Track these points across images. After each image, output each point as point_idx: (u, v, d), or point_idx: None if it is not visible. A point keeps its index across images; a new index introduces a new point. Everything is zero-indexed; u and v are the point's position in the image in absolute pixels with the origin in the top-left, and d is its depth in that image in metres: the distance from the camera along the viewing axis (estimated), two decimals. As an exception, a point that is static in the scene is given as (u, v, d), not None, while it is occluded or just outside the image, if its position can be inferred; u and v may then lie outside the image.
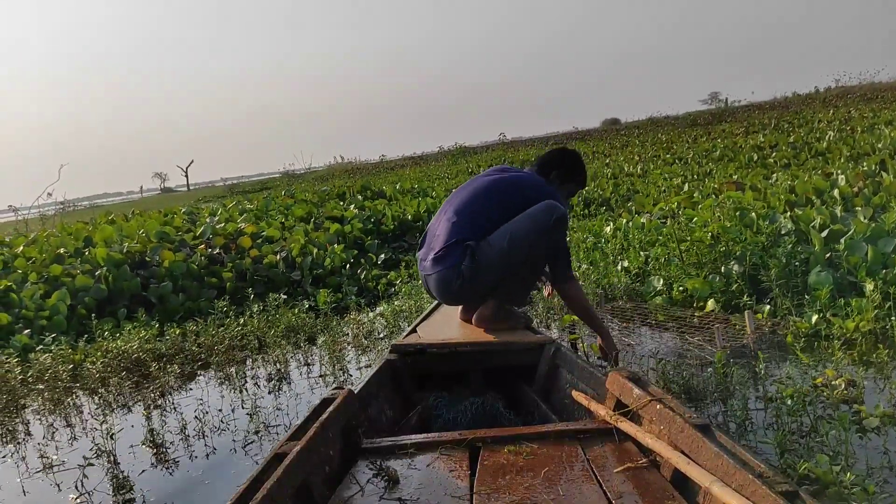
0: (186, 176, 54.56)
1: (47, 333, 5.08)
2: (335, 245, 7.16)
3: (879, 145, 8.54)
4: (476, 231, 2.75)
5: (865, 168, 6.23)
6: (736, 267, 4.03)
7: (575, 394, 2.34)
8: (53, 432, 3.43)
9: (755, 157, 10.27)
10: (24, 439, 3.40)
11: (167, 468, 2.80)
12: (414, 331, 2.94)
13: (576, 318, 3.52)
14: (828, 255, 3.81)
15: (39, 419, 3.67)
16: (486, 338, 2.78)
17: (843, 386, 2.63)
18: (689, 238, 4.55)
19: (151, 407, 3.55)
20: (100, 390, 3.96)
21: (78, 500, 2.57)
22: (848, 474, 1.92)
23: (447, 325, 3.00)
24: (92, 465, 2.88)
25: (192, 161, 57.46)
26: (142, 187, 58.54)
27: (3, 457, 3.21)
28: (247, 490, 1.44)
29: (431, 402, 2.59)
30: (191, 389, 3.90)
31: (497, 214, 2.77)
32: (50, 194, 17.39)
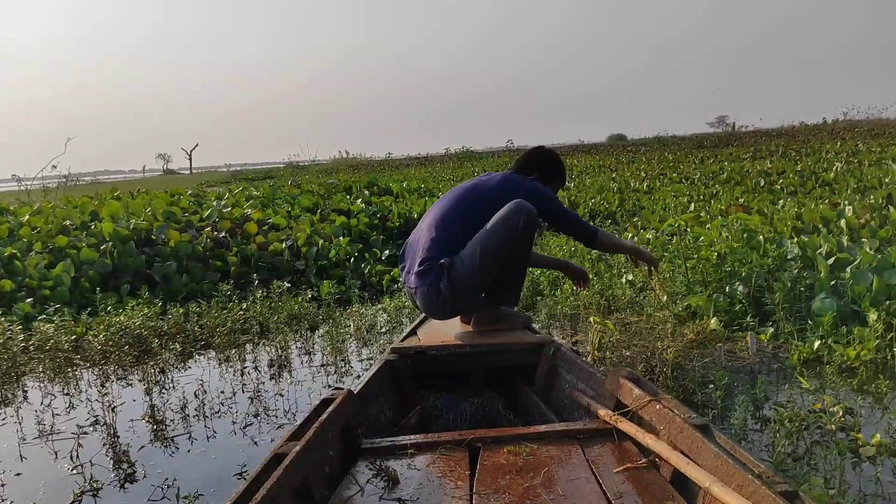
0: (190, 159, 54.55)
1: (50, 303, 5.09)
2: (341, 237, 7.17)
3: (887, 179, 8.58)
4: (453, 246, 2.73)
5: (872, 201, 6.26)
6: (741, 288, 4.06)
7: (575, 394, 2.35)
8: (52, 401, 3.45)
9: (762, 182, 10.30)
10: (23, 406, 3.42)
11: (166, 444, 2.82)
12: (413, 333, 2.93)
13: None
14: (833, 282, 3.84)
15: (39, 387, 3.69)
16: (485, 339, 2.78)
17: (840, 413, 2.65)
18: (695, 256, 4.58)
19: (152, 383, 3.57)
20: (101, 363, 3.98)
21: (74, 470, 2.58)
22: (845, 497, 1.94)
23: (447, 327, 2.98)
24: (88, 434, 2.91)
25: (197, 144, 57.41)
26: (144, 167, 58.48)
27: (3, 421, 3.23)
28: (247, 490, 1.43)
29: (431, 403, 2.59)
30: (191, 369, 3.92)
31: (472, 226, 2.74)
32: (55, 166, 17.41)
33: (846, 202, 6.32)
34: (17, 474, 2.61)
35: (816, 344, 3.33)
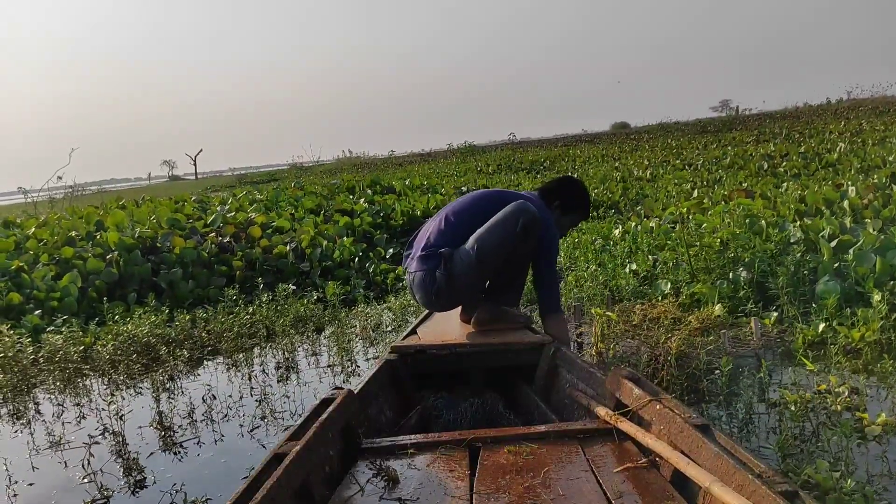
0: (195, 164, 54.73)
1: (58, 315, 5.13)
2: (344, 238, 7.19)
3: (890, 158, 8.54)
4: (458, 240, 2.73)
5: (875, 180, 6.23)
6: (744, 273, 4.05)
7: (575, 394, 2.34)
8: (63, 412, 3.48)
9: (765, 166, 10.27)
10: (34, 417, 3.45)
11: (175, 450, 2.85)
12: (414, 332, 2.92)
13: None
14: (836, 264, 3.83)
15: (50, 399, 3.72)
16: (485, 338, 2.77)
17: (846, 393, 2.66)
18: (698, 243, 4.58)
19: (160, 390, 3.60)
20: (109, 372, 4.01)
21: (86, 479, 2.61)
22: (848, 481, 1.94)
23: (447, 327, 2.98)
24: (98, 443, 2.94)
25: (201, 150, 57.59)
26: (150, 174, 58.93)
27: (15, 433, 3.26)
28: (247, 490, 1.44)
29: (431, 403, 2.60)
30: (199, 375, 3.94)
31: (481, 225, 2.73)
32: (60, 177, 17.48)
33: (849, 183, 6.29)
34: (30, 484, 2.65)
35: (821, 326, 3.33)
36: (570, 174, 3.38)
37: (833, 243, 4.05)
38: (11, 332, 4.34)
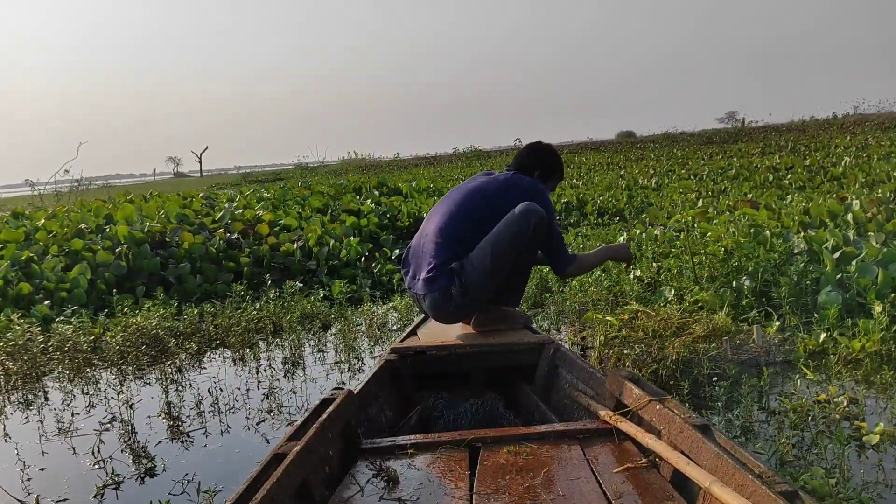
0: (200, 162, 54.91)
1: (67, 305, 5.18)
2: (351, 237, 7.25)
3: (895, 173, 8.57)
4: (459, 250, 2.72)
5: (880, 195, 6.26)
6: (747, 282, 4.09)
7: (575, 394, 2.36)
8: (72, 400, 3.53)
9: (770, 178, 10.29)
10: (44, 406, 3.50)
11: (183, 440, 2.90)
12: (413, 333, 2.94)
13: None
14: (838, 276, 3.88)
15: (60, 388, 3.78)
16: (485, 339, 2.78)
17: (845, 403, 2.69)
18: (702, 251, 4.62)
19: (168, 381, 3.65)
20: (119, 363, 4.07)
21: (96, 465, 2.66)
22: (846, 486, 1.98)
23: (447, 327, 2.98)
24: (107, 430, 2.99)
25: (207, 147, 57.76)
26: (154, 170, 59.22)
27: (25, 419, 3.31)
28: (246, 490, 1.44)
29: (431, 403, 2.61)
30: (206, 368, 4.00)
31: (477, 229, 2.73)
32: (67, 171, 17.55)
33: (854, 196, 6.32)
34: (42, 469, 2.70)
35: (822, 336, 3.37)
36: (539, 141, 3.34)
37: (836, 255, 4.09)
38: (22, 321, 4.40)
